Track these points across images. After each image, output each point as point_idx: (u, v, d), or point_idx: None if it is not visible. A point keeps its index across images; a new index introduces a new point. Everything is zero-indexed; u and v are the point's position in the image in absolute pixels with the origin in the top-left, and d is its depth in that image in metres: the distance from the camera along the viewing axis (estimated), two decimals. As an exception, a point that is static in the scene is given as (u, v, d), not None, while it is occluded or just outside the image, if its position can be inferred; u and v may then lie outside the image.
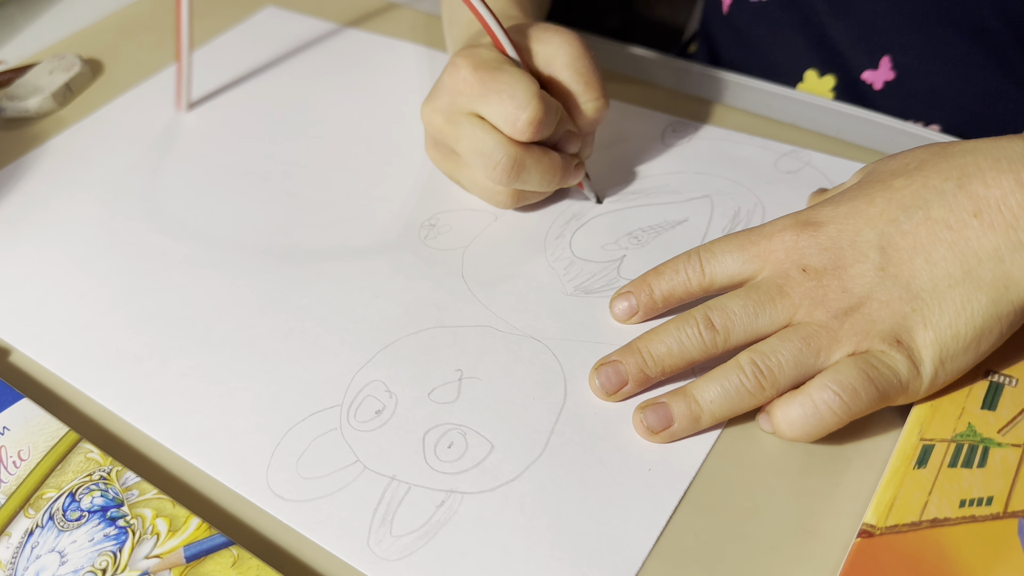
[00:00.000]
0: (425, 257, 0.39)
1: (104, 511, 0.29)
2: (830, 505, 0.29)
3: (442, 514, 0.30)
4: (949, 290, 0.29)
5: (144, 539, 0.29)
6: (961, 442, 0.29)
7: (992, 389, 0.31)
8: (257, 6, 0.58)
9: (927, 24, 0.44)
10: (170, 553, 0.28)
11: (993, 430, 0.29)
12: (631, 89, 0.48)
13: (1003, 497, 0.27)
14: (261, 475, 0.32)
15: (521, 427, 0.32)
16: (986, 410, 0.30)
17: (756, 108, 0.45)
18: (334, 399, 0.34)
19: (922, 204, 0.31)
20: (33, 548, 0.29)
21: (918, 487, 0.28)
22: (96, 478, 0.30)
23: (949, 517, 0.27)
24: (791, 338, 0.30)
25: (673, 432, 0.31)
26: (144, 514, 0.29)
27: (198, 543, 0.28)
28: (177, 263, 0.40)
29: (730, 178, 0.41)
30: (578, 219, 0.40)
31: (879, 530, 0.27)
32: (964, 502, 0.27)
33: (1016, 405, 0.30)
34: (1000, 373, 0.31)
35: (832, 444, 0.31)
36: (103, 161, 0.47)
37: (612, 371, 0.32)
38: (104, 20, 0.59)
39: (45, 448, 0.32)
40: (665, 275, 0.34)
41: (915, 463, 0.29)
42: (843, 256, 0.31)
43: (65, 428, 0.32)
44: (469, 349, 0.35)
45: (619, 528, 0.29)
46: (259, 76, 0.52)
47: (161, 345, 0.37)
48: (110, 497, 0.30)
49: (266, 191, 0.44)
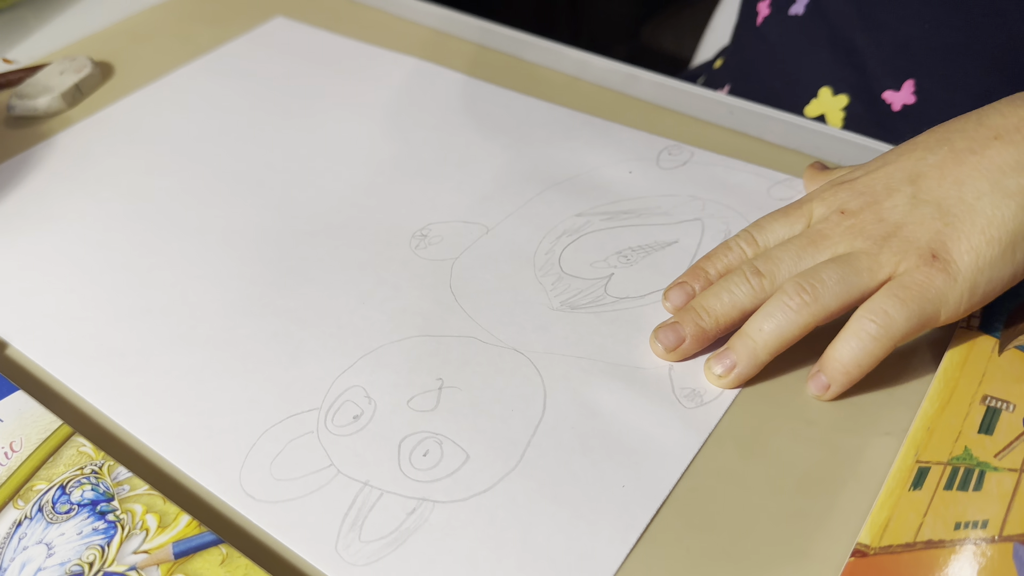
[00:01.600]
0: (414, 267, 0.40)
1: (94, 505, 0.29)
2: (824, 526, 0.29)
3: (412, 522, 0.30)
4: (978, 201, 0.32)
5: (133, 534, 0.28)
6: (957, 465, 0.29)
7: (989, 414, 0.30)
8: (267, 16, 0.59)
9: (954, 54, 0.44)
10: (159, 549, 0.28)
11: (990, 454, 0.29)
12: (631, 110, 0.48)
13: (999, 520, 0.27)
14: (235, 474, 0.32)
15: (498, 438, 0.32)
16: (983, 434, 0.30)
17: (757, 132, 0.45)
18: (312, 403, 0.34)
19: (945, 141, 0.34)
20: (20, 539, 0.29)
21: (913, 508, 0.28)
22: (88, 472, 0.30)
23: (944, 539, 0.27)
24: (833, 262, 0.33)
25: (736, 372, 0.33)
26: (134, 509, 0.29)
27: (187, 540, 0.28)
28: (167, 262, 0.41)
29: (722, 203, 0.41)
30: (569, 236, 0.40)
31: (873, 550, 0.27)
32: (959, 524, 0.27)
33: (1013, 430, 0.30)
34: (998, 399, 0.31)
35: (827, 466, 0.30)
36: (103, 160, 0.47)
37: (670, 330, 0.34)
38: (116, 25, 0.60)
39: (37, 440, 0.32)
40: (718, 255, 0.36)
41: (911, 485, 0.29)
42: (877, 194, 0.34)
43: (59, 421, 0.32)
44: (452, 359, 0.35)
45: (588, 544, 0.29)
46: (263, 83, 0.53)
47: (145, 341, 0.37)
48: (101, 491, 0.30)
49: (262, 196, 0.44)
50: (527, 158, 0.45)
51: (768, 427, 0.32)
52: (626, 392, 0.33)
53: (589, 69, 0.51)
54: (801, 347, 0.34)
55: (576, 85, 0.50)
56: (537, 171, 0.44)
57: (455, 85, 0.51)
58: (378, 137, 0.48)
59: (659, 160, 0.44)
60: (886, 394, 0.32)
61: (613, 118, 0.47)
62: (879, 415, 0.32)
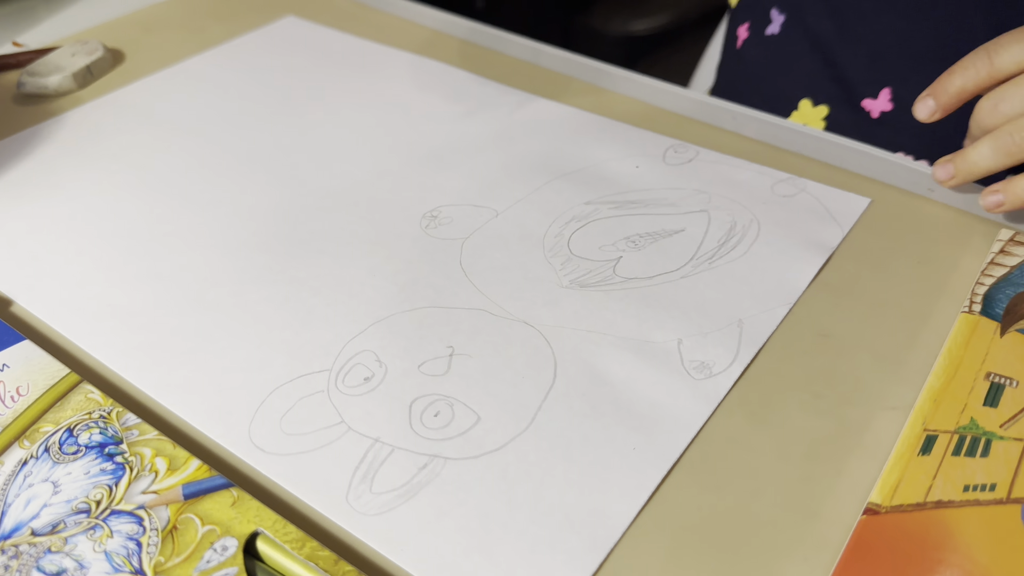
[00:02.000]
0: (425, 244, 0.40)
1: (102, 447, 0.29)
2: (833, 490, 0.29)
3: (424, 476, 0.30)
4: None
5: (142, 475, 0.28)
6: (964, 434, 0.30)
7: (993, 389, 0.31)
8: (278, 15, 0.60)
9: (925, 60, 0.46)
10: (168, 490, 0.28)
11: (995, 424, 0.30)
12: (638, 112, 0.49)
13: (1006, 484, 0.28)
14: (243, 427, 0.31)
15: (509, 402, 0.32)
16: (988, 407, 0.30)
17: (757, 135, 0.47)
18: (323, 364, 0.34)
19: None
20: (26, 477, 0.28)
21: (923, 471, 0.28)
22: (96, 417, 0.30)
23: (953, 500, 0.27)
24: None
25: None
26: (143, 452, 0.29)
27: (197, 482, 0.28)
28: (177, 231, 0.41)
29: (728, 197, 0.42)
30: (578, 221, 0.41)
31: (885, 508, 0.27)
32: (968, 487, 0.28)
33: (1017, 403, 0.30)
34: (1001, 375, 0.31)
35: (834, 436, 0.31)
36: (114, 137, 0.48)
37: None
38: (128, 16, 0.61)
39: (45, 386, 0.31)
40: (956, 73, 0.39)
41: (919, 450, 0.29)
42: None
43: (66, 370, 0.32)
44: (462, 329, 0.35)
45: (600, 501, 0.29)
46: (274, 74, 0.53)
47: (155, 303, 0.37)
48: (109, 435, 0.29)
49: (273, 174, 0.45)
50: (536, 151, 0.46)
51: (776, 399, 0.32)
52: (636, 363, 0.34)
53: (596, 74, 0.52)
54: (807, 325, 0.35)
55: (583, 88, 0.52)
56: (546, 162, 0.45)
57: (465, 83, 0.52)
58: (389, 127, 0.48)
59: (665, 157, 0.45)
60: (891, 372, 0.33)
61: (621, 118, 0.48)
62: (885, 391, 0.32)
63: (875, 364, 0.33)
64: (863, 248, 0.39)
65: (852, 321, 0.35)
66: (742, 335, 0.35)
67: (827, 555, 0.27)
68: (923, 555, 0.26)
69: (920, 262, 0.38)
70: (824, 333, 0.34)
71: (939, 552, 0.26)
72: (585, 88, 0.52)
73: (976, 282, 0.36)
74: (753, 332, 0.35)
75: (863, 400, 0.32)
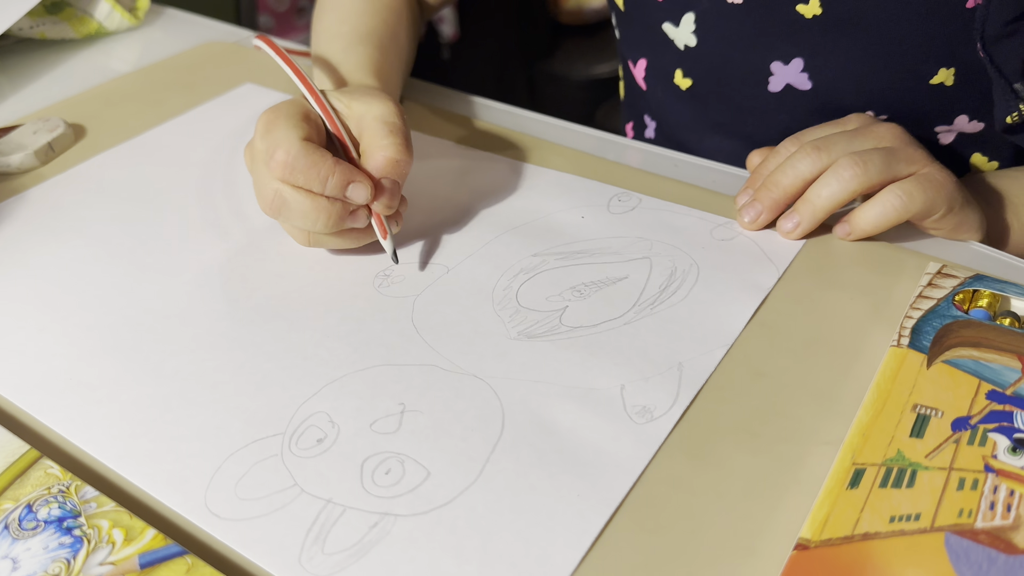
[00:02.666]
0: (377, 303, 0.41)
1: (61, 521, 0.30)
2: (768, 526, 0.30)
3: (375, 534, 0.31)
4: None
5: (99, 547, 0.29)
6: (891, 466, 0.31)
7: (919, 420, 0.32)
8: (237, 83, 0.62)
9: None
10: (125, 561, 0.29)
11: (921, 455, 0.31)
12: (584, 163, 0.51)
13: (930, 513, 0.29)
14: (200, 495, 0.32)
15: (458, 455, 0.33)
16: (914, 438, 0.32)
17: (697, 181, 0.49)
18: (277, 428, 0.35)
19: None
20: None
21: (851, 505, 0.30)
22: (55, 491, 0.31)
23: (880, 531, 0.29)
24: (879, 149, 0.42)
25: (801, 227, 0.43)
26: (101, 524, 0.30)
27: (153, 552, 0.29)
28: (136, 302, 0.42)
29: (669, 243, 0.44)
30: (526, 273, 0.43)
31: (814, 543, 0.28)
32: (894, 518, 0.29)
33: (942, 433, 0.32)
34: (927, 407, 0.33)
35: (770, 473, 0.32)
36: (76, 211, 0.49)
37: (750, 208, 0.44)
38: (89, 90, 0.62)
39: (4, 464, 0.32)
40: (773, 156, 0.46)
41: (848, 484, 0.30)
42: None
43: (26, 446, 0.33)
44: (414, 385, 0.36)
45: (546, 549, 0.30)
46: (232, 140, 0.55)
47: (115, 375, 0.38)
48: (68, 509, 0.30)
49: (229, 241, 0.46)
50: (485, 205, 0.48)
51: (714, 439, 0.33)
52: (581, 411, 0.35)
53: (543, 128, 0.54)
54: (743, 365, 0.36)
55: (532, 143, 0.53)
56: (495, 217, 0.47)
57: (415, 143, 0.54)
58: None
59: (609, 206, 0.47)
60: (824, 408, 0.34)
61: (568, 170, 0.50)
62: (818, 427, 0.34)
63: (809, 400, 0.35)
64: (798, 286, 0.40)
65: (787, 359, 0.37)
66: (682, 378, 0.36)
67: (760, 591, 0.28)
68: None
69: (852, 298, 0.40)
70: (760, 372, 0.36)
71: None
72: (533, 143, 0.53)
73: (905, 315, 0.37)
74: (693, 374, 0.36)
75: (797, 437, 0.33)
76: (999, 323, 0.36)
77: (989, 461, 0.31)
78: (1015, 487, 0.30)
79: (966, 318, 0.37)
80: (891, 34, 0.47)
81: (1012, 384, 0.33)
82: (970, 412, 0.32)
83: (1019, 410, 0.32)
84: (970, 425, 0.32)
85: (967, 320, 0.37)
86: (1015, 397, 0.33)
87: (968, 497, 0.30)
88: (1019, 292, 0.38)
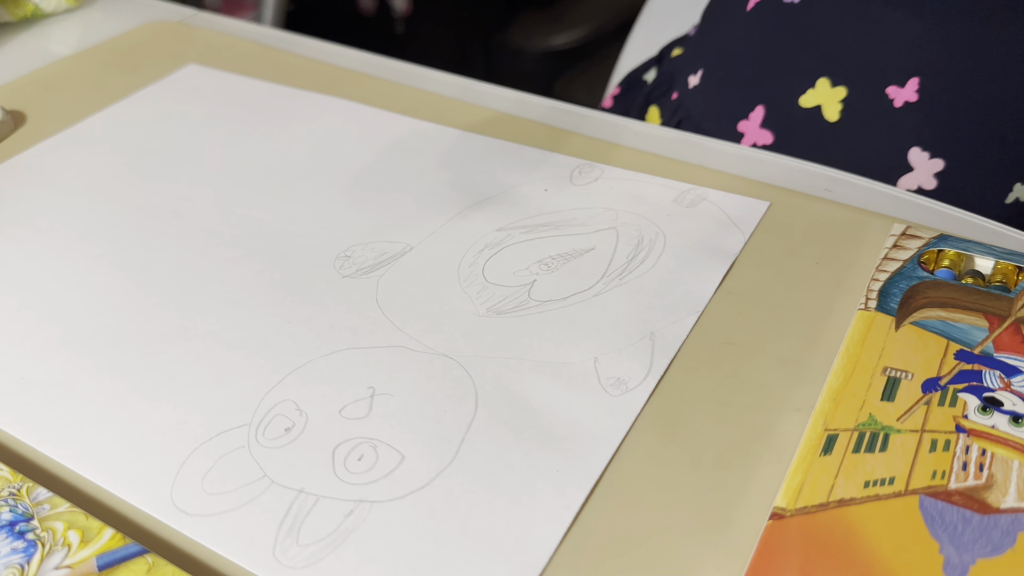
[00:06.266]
0: (339, 286, 0.40)
1: (12, 526, 0.29)
2: (743, 496, 0.30)
3: (351, 523, 0.30)
4: None
5: (55, 550, 0.28)
6: (863, 430, 0.31)
7: (890, 383, 0.33)
8: (180, 64, 0.60)
9: (961, 56, 0.46)
10: (82, 563, 0.27)
11: (892, 419, 0.31)
12: (545, 135, 0.50)
13: (904, 477, 0.29)
14: (165, 492, 0.31)
15: (432, 438, 0.33)
16: (885, 401, 0.32)
17: (659, 150, 0.48)
18: (243, 419, 0.34)
19: None
20: None
21: (824, 472, 0.30)
22: (5, 494, 0.30)
23: (855, 497, 0.29)
24: None
25: None
26: (55, 527, 0.29)
27: (111, 552, 0.28)
28: (87, 296, 0.40)
29: (634, 212, 0.44)
30: (491, 248, 0.42)
31: (789, 512, 0.28)
32: (868, 483, 0.29)
33: (913, 395, 0.32)
34: (897, 369, 0.33)
35: (742, 442, 0.32)
36: (18, 203, 0.47)
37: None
38: (27, 75, 0.59)
39: (-57, 471, 0.31)
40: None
41: (821, 451, 0.30)
42: None
43: (-34, 451, 0.31)
44: (382, 368, 0.36)
45: (527, 527, 0.29)
46: (178, 125, 0.53)
47: (69, 373, 0.36)
48: (19, 512, 0.29)
49: (180, 228, 0.44)
50: (445, 182, 0.47)
51: (686, 409, 0.33)
52: (555, 386, 0.34)
53: (500, 101, 0.53)
54: (712, 334, 0.36)
55: (489, 116, 0.52)
56: (456, 193, 0.46)
57: (372, 119, 0.52)
58: (295, 169, 0.49)
59: (572, 178, 0.47)
60: (794, 374, 0.34)
61: (530, 143, 0.49)
62: (789, 393, 0.34)
63: (778, 367, 0.34)
64: (764, 252, 0.40)
65: (755, 326, 0.36)
66: (655, 348, 0.36)
67: (739, 563, 0.28)
68: (827, 554, 0.27)
69: (818, 262, 0.40)
70: (728, 340, 0.36)
71: (842, 550, 0.27)
72: (492, 116, 0.52)
73: (871, 278, 0.38)
74: (664, 344, 0.36)
75: (768, 404, 0.33)
76: (964, 282, 0.37)
77: (960, 421, 0.31)
78: (987, 446, 0.30)
79: (932, 279, 0.37)
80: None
81: (980, 343, 0.34)
82: (939, 373, 0.33)
83: (988, 369, 0.33)
84: (940, 386, 0.32)
85: (933, 280, 0.37)
86: (983, 356, 0.33)
87: (941, 459, 0.30)
88: (983, 251, 0.38)
